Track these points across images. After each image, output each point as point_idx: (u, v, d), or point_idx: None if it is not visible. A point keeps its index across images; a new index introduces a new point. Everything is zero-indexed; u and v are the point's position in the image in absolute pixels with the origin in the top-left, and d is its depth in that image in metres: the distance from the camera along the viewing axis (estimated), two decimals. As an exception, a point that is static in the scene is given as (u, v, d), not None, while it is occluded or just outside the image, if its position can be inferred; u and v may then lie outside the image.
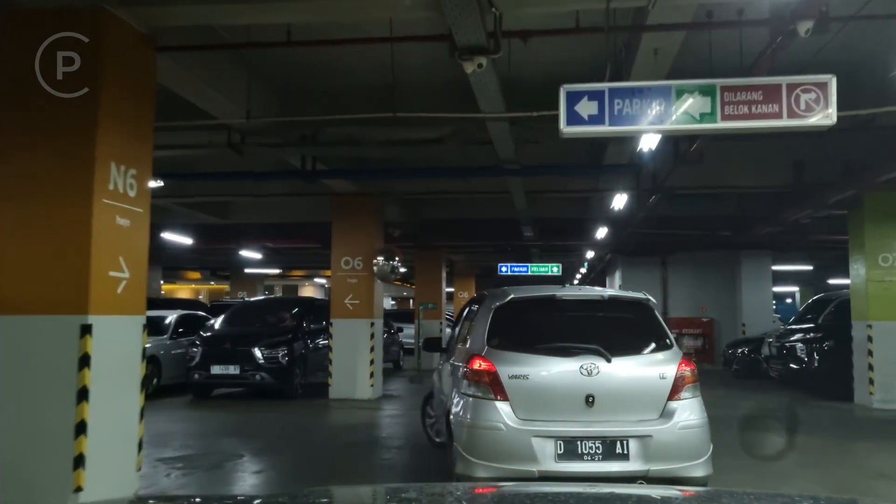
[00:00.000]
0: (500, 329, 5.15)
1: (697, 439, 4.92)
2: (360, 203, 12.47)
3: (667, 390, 4.91)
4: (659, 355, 5.12)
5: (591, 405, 4.78)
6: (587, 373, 4.82)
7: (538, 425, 4.74)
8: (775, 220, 14.10)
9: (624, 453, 4.71)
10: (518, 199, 12.12)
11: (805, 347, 12.78)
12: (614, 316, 5.48)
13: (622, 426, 4.78)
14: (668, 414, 4.87)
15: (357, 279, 12.48)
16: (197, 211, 15.39)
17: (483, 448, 4.77)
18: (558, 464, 4.66)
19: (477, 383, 4.90)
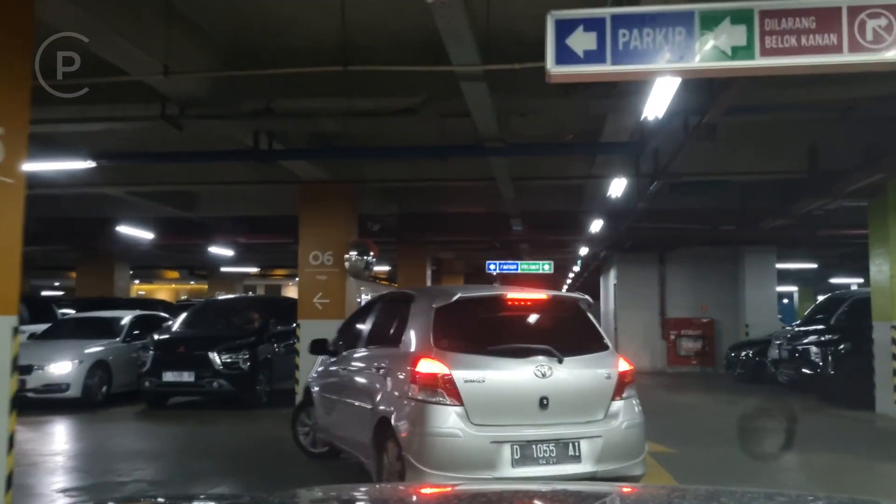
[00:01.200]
0: (447, 330, 4.92)
1: (638, 438, 5.04)
2: (330, 192, 11.29)
3: (611, 390, 4.96)
4: (602, 354, 5.18)
5: (545, 407, 4.70)
6: (541, 374, 4.74)
7: (494, 430, 4.61)
8: (784, 213, 13.00)
9: (576, 455, 4.69)
10: (504, 186, 10.95)
11: (820, 350, 11.65)
12: (557, 316, 5.44)
13: (574, 427, 4.76)
14: (613, 414, 4.91)
15: (327, 276, 11.31)
16: (160, 203, 14.18)
17: (437, 457, 4.55)
18: (514, 469, 4.56)
19: (430, 388, 4.63)
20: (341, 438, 6.13)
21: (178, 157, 9.02)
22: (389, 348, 5.40)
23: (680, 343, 18.47)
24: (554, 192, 13.95)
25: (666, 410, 11.32)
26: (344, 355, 6.26)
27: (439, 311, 5.00)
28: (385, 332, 5.62)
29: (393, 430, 4.80)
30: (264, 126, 7.90)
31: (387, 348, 5.47)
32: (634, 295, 18.90)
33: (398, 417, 4.80)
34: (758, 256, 17.78)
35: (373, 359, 5.62)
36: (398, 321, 5.43)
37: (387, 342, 5.50)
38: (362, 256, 11.32)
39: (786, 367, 12.77)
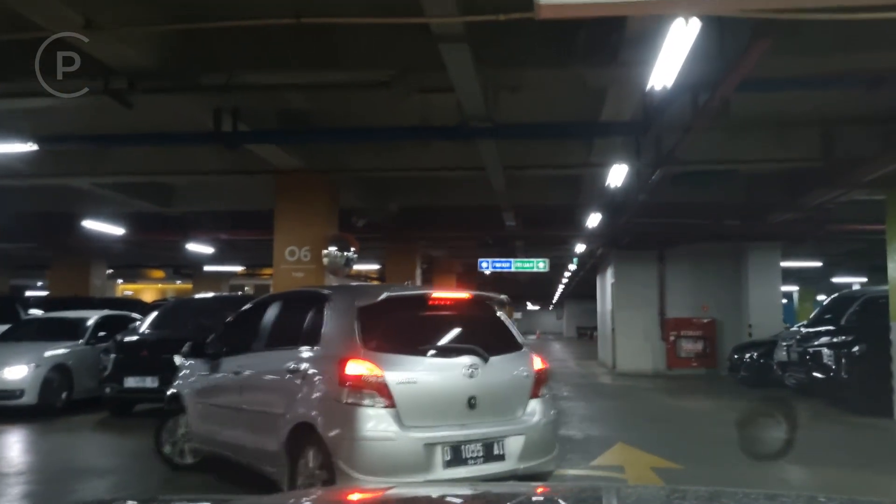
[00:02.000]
0: (374, 330, 4.78)
1: (554, 435, 5.22)
2: (307, 182, 10.51)
3: (529, 388, 5.07)
4: (519, 354, 5.24)
5: (473, 407, 4.73)
6: (470, 374, 4.76)
7: (427, 432, 4.58)
8: (793, 206, 12.25)
9: (500, 454, 4.74)
10: (495, 175, 10.16)
11: (833, 353, 10.88)
12: (478, 316, 5.44)
13: (498, 427, 4.82)
14: (531, 411, 5.01)
15: (304, 272, 10.52)
16: (131, 196, 13.38)
17: (371, 462, 4.46)
18: (446, 470, 4.54)
19: (361, 390, 4.51)
20: (234, 447, 5.69)
21: (130, 139, 8.20)
22: (304, 350, 5.10)
23: (680, 344, 17.73)
24: (549, 184, 13.17)
25: (668, 418, 10.54)
26: (231, 359, 5.88)
27: (363, 310, 4.87)
28: (293, 333, 5.33)
29: (317, 436, 4.60)
30: (225, 103, 7.11)
31: (300, 350, 5.14)
32: (633, 294, 18.16)
33: (325, 423, 4.60)
34: (762, 253, 17.02)
35: (280, 361, 5.25)
36: (312, 321, 5.19)
37: (298, 343, 5.20)
38: (342, 252, 10.54)
39: (795, 370, 12.01)
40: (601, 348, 23.48)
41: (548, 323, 69.56)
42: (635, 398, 13.13)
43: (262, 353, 5.64)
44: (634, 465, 7.03)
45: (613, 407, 12.04)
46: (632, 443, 8.07)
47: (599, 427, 9.74)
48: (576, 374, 18.73)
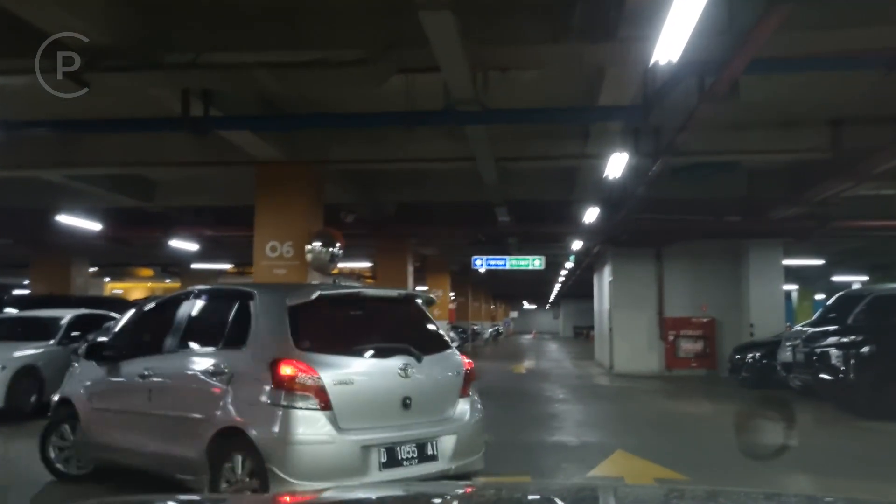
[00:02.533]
0: (307, 330, 4.64)
1: (481, 433, 5.16)
2: (289, 174, 10.00)
3: (459, 387, 5.06)
4: (449, 353, 5.22)
5: (408, 408, 4.70)
6: (404, 374, 4.72)
7: (364, 434, 4.51)
8: (798, 201, 11.76)
9: (434, 454, 4.71)
10: (486, 167, 9.66)
11: (841, 354, 10.40)
12: (409, 314, 5.37)
13: (431, 426, 4.79)
14: (462, 411, 5.00)
15: (287, 269, 10.01)
16: (110, 190, 12.84)
17: (307, 466, 4.35)
18: (382, 472, 4.48)
19: (297, 392, 4.37)
20: (141, 455, 5.33)
21: (92, 125, 7.64)
22: (228, 351, 4.87)
23: (679, 344, 17.26)
24: (543, 178, 12.67)
25: (669, 423, 10.04)
26: (137, 361, 5.50)
27: (295, 309, 4.67)
28: (213, 333, 5.09)
29: (247, 441, 4.40)
30: (193, 84, 6.57)
31: (223, 351, 4.91)
32: (630, 293, 17.68)
33: (256, 427, 4.40)
34: (763, 251, 16.53)
35: (198, 363, 5.01)
36: (236, 321, 4.94)
37: (220, 344, 4.98)
38: (327, 248, 9.99)
39: (801, 372, 11.52)
40: (598, 348, 23.00)
41: (544, 322, 69.21)
42: (634, 401, 12.63)
43: (175, 355, 5.29)
44: (636, 475, 6.55)
45: (611, 410, 11.54)
46: (632, 450, 7.58)
47: (597, 432, 9.24)
48: (572, 375, 18.24)
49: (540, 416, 10.47)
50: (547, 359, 26.34)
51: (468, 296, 33.36)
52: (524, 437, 8.76)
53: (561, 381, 16.16)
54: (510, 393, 14.05)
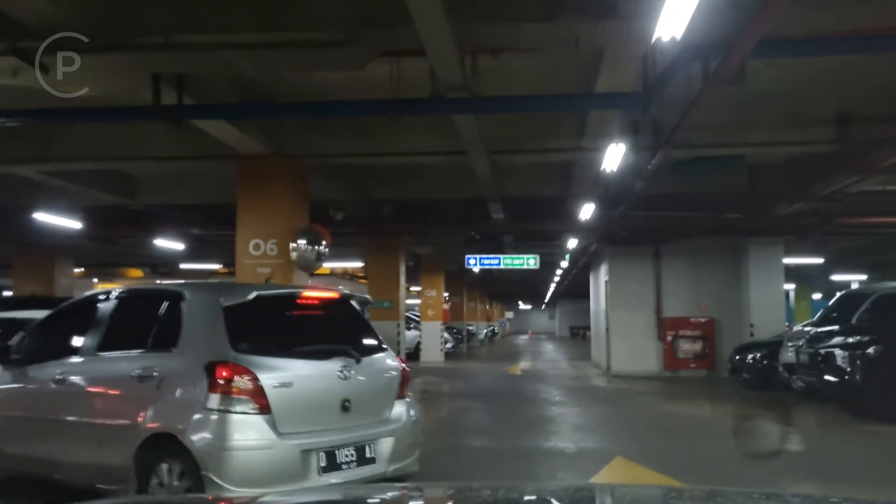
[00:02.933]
0: (243, 331, 4.50)
1: (417, 436, 5.15)
2: (272, 168, 9.58)
3: (396, 389, 5.03)
4: (385, 355, 5.16)
5: (347, 410, 4.65)
6: (344, 376, 4.68)
7: (304, 438, 4.41)
8: (802, 196, 11.37)
9: (372, 457, 4.68)
10: (478, 161, 9.24)
11: (847, 355, 10.01)
12: (346, 315, 5.30)
13: (369, 429, 4.75)
14: (398, 413, 4.98)
15: (270, 268, 9.57)
16: (89, 187, 12.40)
17: (245, 472, 4.21)
18: (321, 477, 4.41)
19: (234, 396, 4.23)
20: (56, 465, 5.03)
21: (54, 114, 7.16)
22: (157, 354, 4.66)
23: (677, 345, 16.87)
24: (538, 173, 12.27)
25: (669, 427, 9.64)
26: (49, 365, 5.21)
27: (231, 310, 4.51)
28: (139, 335, 4.84)
29: (180, 448, 4.22)
30: (163, 68, 6.13)
31: (152, 354, 4.69)
32: (627, 293, 17.29)
33: (191, 432, 4.22)
34: (763, 249, 16.15)
35: (123, 367, 4.76)
36: (165, 322, 4.73)
37: (147, 346, 4.75)
38: (313, 246, 9.59)
39: (805, 373, 11.13)
40: (595, 349, 22.62)
41: (540, 323, 68.86)
42: (632, 403, 12.23)
43: (95, 358, 5.01)
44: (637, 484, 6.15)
45: (609, 413, 11.14)
46: (631, 457, 7.18)
47: (594, 437, 8.83)
48: (568, 377, 17.84)
49: (535, 419, 10.07)
50: (543, 360, 25.95)
51: (463, 296, 32.93)
52: (519, 442, 8.36)
53: (557, 383, 15.76)
54: (505, 395, 13.66)
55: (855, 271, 26.96)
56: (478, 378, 17.71)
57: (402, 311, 17.24)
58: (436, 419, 11.15)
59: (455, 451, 7.89)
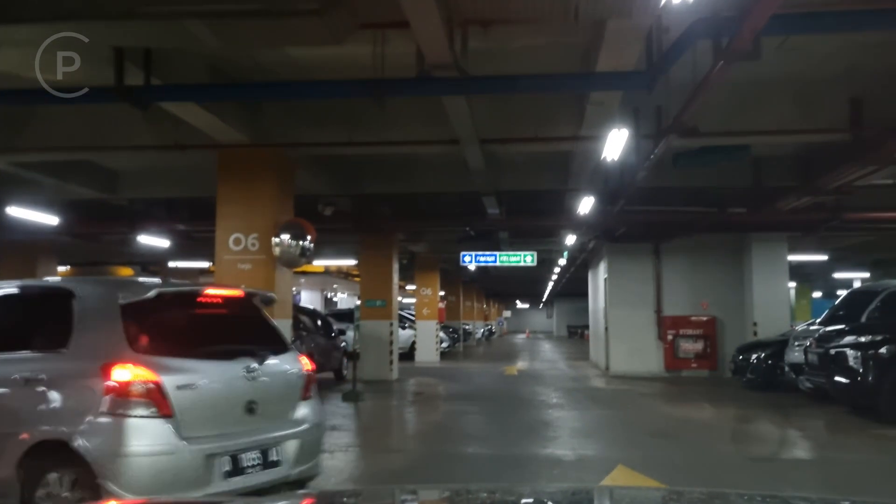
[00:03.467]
0: (142, 330, 4.32)
1: (321, 437, 5.09)
2: (253, 159, 9.07)
3: (301, 390, 4.92)
4: (289, 355, 5.07)
5: (252, 412, 4.48)
6: (249, 377, 4.51)
7: (207, 442, 4.18)
8: (810, 189, 10.88)
9: (277, 459, 4.54)
10: (471, 151, 8.74)
11: (859, 355, 9.53)
12: (249, 315, 5.17)
13: (274, 431, 4.60)
14: (303, 414, 4.87)
15: (251, 264, 9.07)
16: (69, 181, 11.89)
17: (145, 479, 3.96)
18: (226, 482, 4.20)
19: (133, 400, 3.98)
20: None
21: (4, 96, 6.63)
22: (45, 355, 4.38)
23: (678, 344, 16.41)
24: (534, 166, 11.77)
25: (673, 432, 9.15)
26: None
27: (129, 308, 4.26)
28: (22, 336, 4.56)
29: (73, 455, 3.98)
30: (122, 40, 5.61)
31: (38, 355, 4.41)
32: (627, 291, 16.83)
33: (86, 439, 3.99)
34: (767, 246, 15.69)
35: (3, 370, 4.41)
36: (53, 320, 4.52)
37: (32, 346, 4.48)
38: (297, 241, 9.07)
39: (813, 374, 10.64)
40: (593, 348, 22.14)
41: (538, 322, 68.40)
42: (633, 406, 11.74)
43: None
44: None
45: (609, 417, 10.64)
46: (634, 465, 6.69)
47: (594, 444, 8.34)
48: (566, 377, 17.35)
49: (532, 423, 9.58)
50: (540, 359, 25.46)
51: (459, 294, 32.41)
52: (514, 449, 7.87)
53: (555, 384, 15.27)
54: (501, 397, 13.17)
55: (857, 269, 26.50)
56: (473, 379, 17.22)
57: (394, 309, 16.74)
58: (428, 423, 10.66)
59: (446, 460, 7.42)
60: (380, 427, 10.18)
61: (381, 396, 12.98)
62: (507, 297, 62.11)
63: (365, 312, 15.67)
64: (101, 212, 14.36)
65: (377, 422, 10.60)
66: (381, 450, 8.21)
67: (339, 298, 43.39)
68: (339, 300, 43.22)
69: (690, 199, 13.41)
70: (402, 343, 21.36)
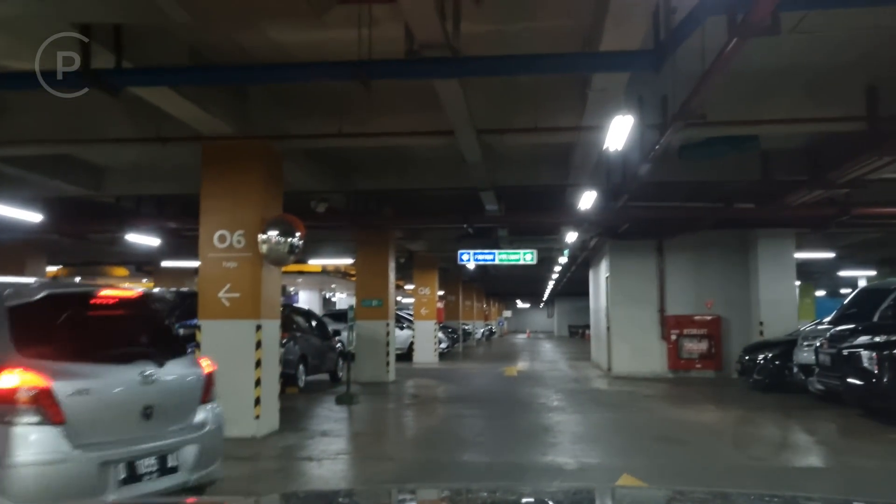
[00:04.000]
0: (31, 333, 4.09)
1: (221, 441, 4.97)
2: (240, 151, 8.65)
3: (200, 393, 4.83)
4: (188, 358, 4.97)
5: (149, 418, 4.36)
6: (146, 382, 4.40)
7: (102, 449, 4.05)
8: (823, 182, 10.46)
9: (174, 466, 4.43)
10: (467, 142, 8.32)
11: (875, 355, 9.10)
12: (146, 317, 5.05)
13: (172, 437, 4.49)
14: (202, 419, 4.78)
15: (237, 262, 8.66)
16: (53, 177, 11.49)
17: (35, 490, 3.80)
18: (121, 490, 4.08)
19: (21, 405, 3.80)
20: None
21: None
22: None
23: (682, 344, 16.00)
24: (534, 160, 11.36)
25: (679, 437, 8.71)
26: None
27: (16, 310, 4.11)
28: None
29: None
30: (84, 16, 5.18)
31: None
32: (629, 289, 16.42)
33: None
34: (774, 243, 15.27)
35: None
36: None
37: None
38: (285, 238, 8.65)
39: (826, 375, 10.21)
40: (595, 349, 21.72)
41: (538, 321, 68.01)
42: (637, 409, 11.31)
43: None
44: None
45: (612, 421, 10.21)
46: (640, 474, 6.28)
47: (597, 450, 7.91)
48: (567, 378, 16.92)
49: (532, 428, 9.16)
50: (541, 360, 25.04)
51: (459, 294, 32.00)
52: (512, 456, 7.45)
53: (556, 385, 14.85)
54: (500, 399, 12.76)
55: (863, 267, 26.05)
56: (472, 380, 16.80)
57: (391, 309, 16.32)
58: (423, 428, 10.25)
59: (440, 468, 7.00)
60: (372, 432, 9.76)
61: (376, 399, 12.56)
62: (507, 297, 61.71)
63: (361, 312, 15.26)
64: (89, 209, 13.96)
65: (370, 426, 10.18)
66: (371, 457, 7.79)
67: (337, 298, 42.98)
68: (337, 300, 42.80)
69: (695, 194, 13.01)
70: (400, 344, 20.95)
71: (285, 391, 12.38)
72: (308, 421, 10.06)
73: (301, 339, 13.98)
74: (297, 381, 13.18)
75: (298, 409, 10.90)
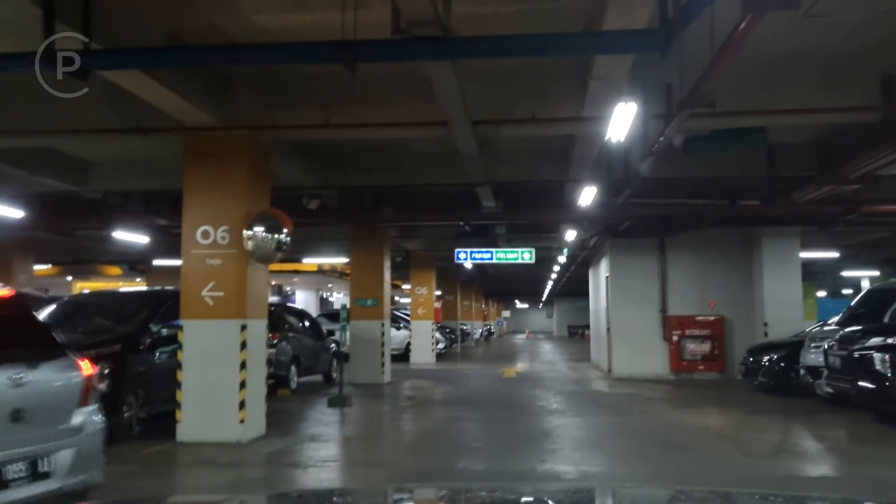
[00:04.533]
0: None
1: (101, 444, 4.81)
2: (224, 143, 8.27)
3: (78, 396, 4.69)
4: (67, 359, 4.81)
5: (19, 421, 4.20)
6: (15, 384, 4.22)
7: None
8: (830, 177, 10.09)
9: (47, 471, 4.32)
10: (462, 132, 7.94)
11: (887, 358, 8.72)
12: (19, 316, 4.83)
13: (45, 441, 4.36)
14: (81, 422, 4.64)
15: (222, 259, 8.27)
16: (35, 172, 11.11)
17: None
18: None
19: None
20: None
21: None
22: None
23: (684, 345, 15.62)
24: (532, 154, 10.97)
25: (683, 442, 8.32)
26: None
27: None
28: None
29: None
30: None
31: None
32: (630, 289, 16.04)
33: None
34: (779, 241, 14.91)
35: None
36: None
37: None
38: (272, 234, 8.26)
39: (835, 378, 9.82)
40: (595, 349, 21.34)
41: (537, 322, 67.63)
42: (639, 412, 10.92)
43: None
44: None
45: (613, 425, 9.83)
46: (644, 483, 5.87)
47: (598, 457, 7.52)
48: (567, 380, 16.53)
49: (530, 433, 8.77)
50: (540, 361, 24.66)
51: (457, 294, 31.61)
52: (509, 463, 7.06)
53: (555, 387, 14.46)
54: (498, 402, 12.37)
55: (867, 267, 25.67)
56: (470, 381, 16.41)
57: (387, 308, 15.93)
58: (417, 432, 9.86)
59: (433, 476, 6.61)
60: (364, 437, 9.37)
61: (370, 401, 12.17)
62: (506, 297, 61.32)
63: (356, 312, 14.87)
64: (74, 205, 13.55)
65: (362, 430, 9.79)
66: (361, 464, 7.41)
67: (334, 298, 42.59)
68: (334, 300, 42.41)
69: (699, 190, 12.62)
70: (396, 344, 20.58)
71: (276, 393, 12.04)
72: (297, 425, 9.67)
73: (293, 340, 13.62)
74: (289, 383, 12.84)
75: (288, 412, 10.52)
